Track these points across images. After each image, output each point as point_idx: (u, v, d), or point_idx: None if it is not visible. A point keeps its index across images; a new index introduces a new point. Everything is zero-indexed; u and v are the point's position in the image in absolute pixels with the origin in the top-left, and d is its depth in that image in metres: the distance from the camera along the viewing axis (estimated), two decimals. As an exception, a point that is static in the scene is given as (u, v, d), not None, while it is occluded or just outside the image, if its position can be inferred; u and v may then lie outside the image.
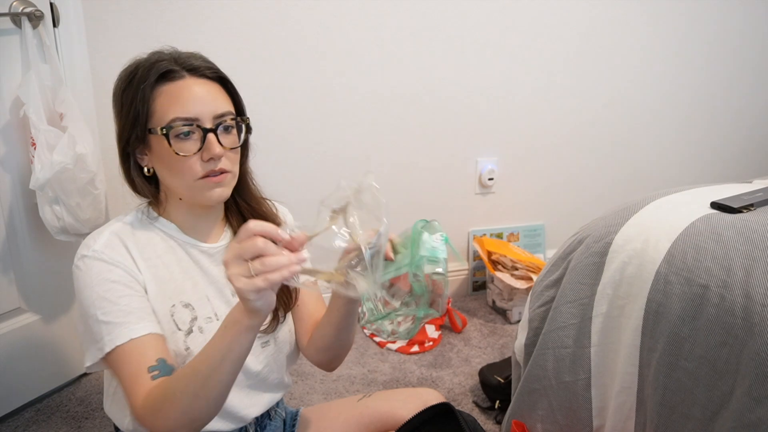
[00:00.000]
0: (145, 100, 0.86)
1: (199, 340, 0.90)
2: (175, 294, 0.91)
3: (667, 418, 0.98)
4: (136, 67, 0.88)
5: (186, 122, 0.85)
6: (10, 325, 1.52)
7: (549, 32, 2.12)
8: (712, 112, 2.48)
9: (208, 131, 0.86)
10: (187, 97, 0.86)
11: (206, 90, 0.88)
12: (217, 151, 0.86)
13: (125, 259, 0.88)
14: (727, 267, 0.93)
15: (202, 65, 0.89)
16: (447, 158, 2.14)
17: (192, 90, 0.86)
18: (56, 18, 1.47)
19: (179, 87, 0.86)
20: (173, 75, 0.87)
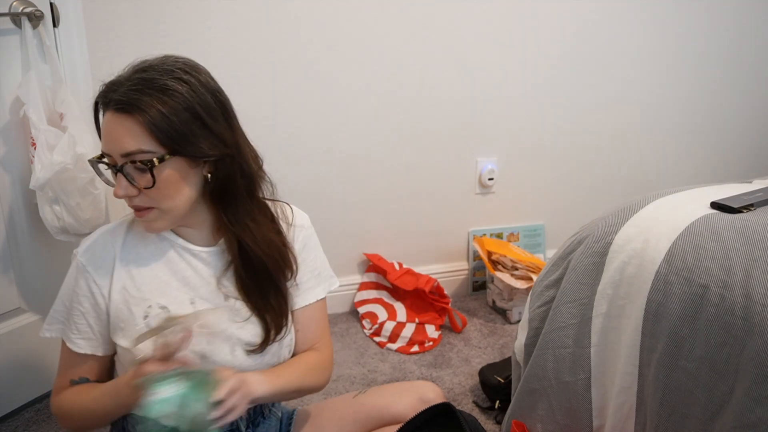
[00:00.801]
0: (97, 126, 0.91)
1: None
2: (154, 295, 0.93)
3: (667, 418, 0.98)
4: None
5: (107, 157, 0.87)
6: (10, 325, 1.52)
7: (549, 32, 2.12)
8: (713, 112, 2.48)
9: (117, 170, 0.86)
10: (105, 133, 0.86)
11: (116, 126, 0.84)
12: (119, 193, 0.86)
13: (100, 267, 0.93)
14: (727, 267, 0.93)
15: (117, 98, 0.83)
16: (447, 158, 2.14)
17: (107, 126, 0.86)
18: (56, 18, 1.47)
19: (105, 121, 0.87)
20: (105, 107, 0.87)
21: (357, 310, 2.08)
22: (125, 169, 0.85)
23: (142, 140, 0.83)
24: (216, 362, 0.93)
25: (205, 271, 0.96)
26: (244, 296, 0.97)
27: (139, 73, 0.85)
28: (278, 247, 0.99)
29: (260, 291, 0.97)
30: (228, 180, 0.91)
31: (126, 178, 0.85)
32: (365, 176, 2.06)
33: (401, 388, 1.12)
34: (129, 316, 0.93)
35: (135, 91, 0.83)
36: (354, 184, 2.06)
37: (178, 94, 0.85)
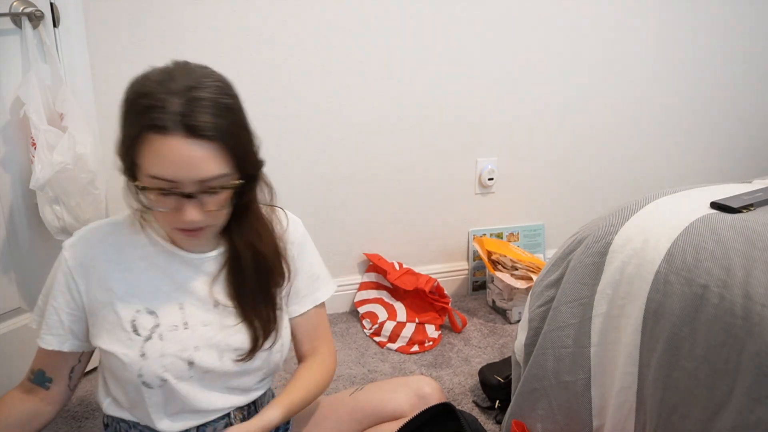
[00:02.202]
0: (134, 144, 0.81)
1: (157, 347, 0.91)
2: (142, 300, 0.92)
3: (667, 418, 0.98)
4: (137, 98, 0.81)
5: (168, 183, 0.80)
6: (10, 325, 1.52)
7: (549, 32, 2.12)
8: (712, 112, 2.48)
9: (187, 197, 0.82)
10: (170, 160, 0.78)
11: (192, 153, 0.79)
12: (186, 220, 0.82)
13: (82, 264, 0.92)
14: (726, 267, 0.93)
15: (204, 124, 0.78)
16: (447, 158, 2.14)
17: (178, 153, 0.78)
18: (56, 18, 1.47)
19: (163, 145, 0.78)
20: (163, 130, 0.78)
21: (357, 309, 2.08)
22: (198, 195, 0.82)
23: (221, 165, 0.81)
24: (204, 368, 0.93)
25: (196, 277, 0.95)
26: (235, 303, 0.97)
27: (193, 92, 0.79)
28: (274, 255, 0.98)
29: (251, 298, 0.97)
30: (252, 193, 0.92)
31: (199, 203, 0.83)
32: (365, 176, 2.06)
33: (397, 384, 1.12)
34: (115, 319, 0.92)
35: (204, 113, 0.79)
36: (354, 184, 2.06)
37: (237, 113, 0.84)
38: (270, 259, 0.97)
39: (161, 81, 0.80)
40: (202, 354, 0.93)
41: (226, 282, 0.97)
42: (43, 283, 1.55)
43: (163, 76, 0.81)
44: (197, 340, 0.93)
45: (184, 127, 0.78)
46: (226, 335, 0.95)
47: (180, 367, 0.92)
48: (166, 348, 0.91)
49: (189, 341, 0.93)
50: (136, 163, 0.82)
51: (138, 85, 0.82)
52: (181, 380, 0.93)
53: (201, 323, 0.94)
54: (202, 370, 0.94)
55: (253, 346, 0.96)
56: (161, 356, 0.91)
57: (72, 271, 0.92)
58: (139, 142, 0.80)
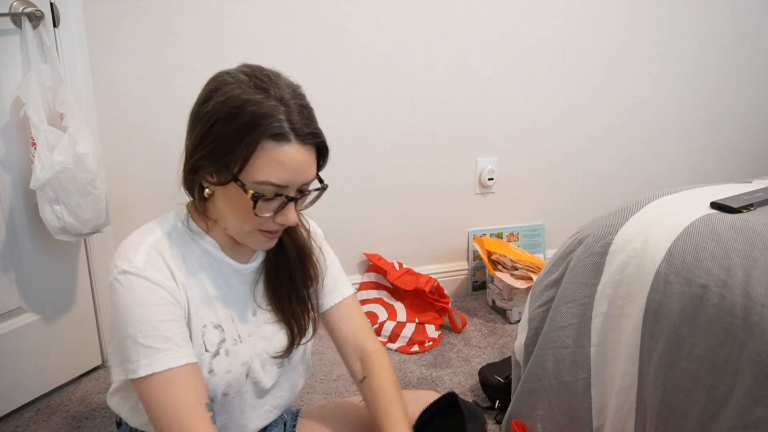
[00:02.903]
0: (246, 152, 0.80)
1: (224, 363, 0.89)
2: (207, 314, 0.89)
3: (667, 418, 0.98)
4: (242, 107, 0.79)
5: (276, 188, 0.82)
6: (10, 325, 1.52)
7: (549, 32, 2.12)
8: (713, 112, 2.48)
9: (292, 199, 0.84)
10: (288, 166, 0.81)
11: (304, 159, 0.82)
12: (291, 222, 0.85)
13: (167, 279, 0.85)
14: (726, 267, 0.93)
15: (309, 133, 0.82)
16: (447, 158, 2.14)
17: (294, 159, 0.81)
18: (56, 18, 1.47)
19: (284, 153, 0.80)
20: (281, 138, 0.80)
21: (357, 310, 2.08)
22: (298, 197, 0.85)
23: (314, 169, 0.86)
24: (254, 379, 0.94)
25: (241, 287, 0.95)
26: (275, 306, 0.97)
27: (299, 99, 0.84)
28: (308, 254, 1.00)
29: (288, 300, 0.97)
30: None
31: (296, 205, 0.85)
32: (365, 176, 2.06)
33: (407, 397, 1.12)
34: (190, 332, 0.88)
35: (313, 121, 0.85)
36: (354, 184, 2.06)
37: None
38: (310, 260, 1.00)
39: (263, 88, 0.81)
40: (255, 364, 0.93)
41: (266, 290, 0.97)
42: (43, 283, 1.56)
43: (261, 83, 0.81)
44: (251, 351, 0.93)
45: (301, 135, 0.81)
46: (266, 343, 0.96)
47: (241, 380, 0.92)
48: (231, 364, 0.90)
49: (246, 354, 0.92)
50: (242, 174, 0.81)
51: (236, 92, 0.80)
52: (238, 394, 0.93)
53: (247, 334, 0.94)
54: (253, 381, 0.94)
55: (290, 344, 0.97)
56: (227, 372, 0.89)
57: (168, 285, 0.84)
58: (253, 150, 0.80)
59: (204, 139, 0.82)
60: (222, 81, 0.83)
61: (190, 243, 0.90)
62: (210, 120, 0.81)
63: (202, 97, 0.84)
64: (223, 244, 0.92)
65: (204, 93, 0.84)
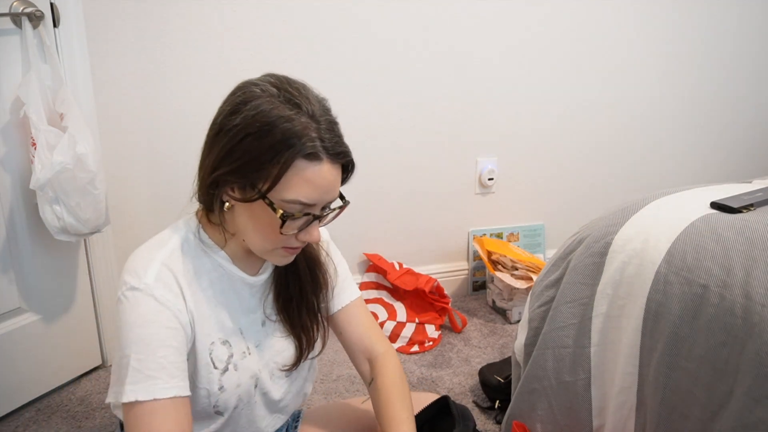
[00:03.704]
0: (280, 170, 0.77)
1: (233, 378, 0.89)
2: (215, 330, 0.88)
3: (667, 418, 0.98)
4: (274, 123, 0.76)
5: (304, 207, 0.80)
6: (10, 325, 1.52)
7: (549, 32, 2.12)
8: (712, 112, 2.49)
9: (317, 218, 0.83)
10: (318, 185, 0.79)
11: (333, 179, 0.81)
12: (315, 239, 0.84)
13: (176, 298, 0.82)
14: (726, 267, 0.93)
15: (340, 151, 0.81)
16: (447, 158, 2.14)
17: (325, 178, 0.80)
18: (56, 18, 1.47)
19: (315, 172, 0.78)
20: (315, 157, 0.78)
21: (357, 310, 2.08)
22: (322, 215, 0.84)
23: (339, 188, 0.85)
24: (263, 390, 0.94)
25: (250, 299, 0.94)
26: (284, 317, 0.96)
27: (328, 115, 0.83)
28: (319, 264, 0.99)
29: (298, 312, 0.97)
30: None
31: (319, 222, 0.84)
32: (365, 176, 2.06)
33: None
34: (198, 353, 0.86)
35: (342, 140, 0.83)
36: (354, 184, 2.04)
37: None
38: (320, 270, 0.99)
39: (295, 103, 0.78)
40: (263, 375, 0.93)
41: (275, 301, 0.97)
42: (43, 283, 1.56)
43: (291, 97, 0.79)
44: (258, 363, 0.93)
45: (332, 154, 0.80)
46: (275, 354, 0.96)
47: (250, 392, 0.92)
48: (241, 378, 0.90)
49: (255, 366, 0.92)
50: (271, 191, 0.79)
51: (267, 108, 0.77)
52: (248, 405, 0.93)
53: (255, 345, 0.93)
54: (262, 391, 0.94)
55: (298, 357, 0.97)
56: (237, 386, 0.89)
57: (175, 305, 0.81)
58: (286, 169, 0.77)
59: (231, 153, 0.78)
60: (251, 93, 0.79)
61: (202, 256, 0.88)
62: (239, 134, 0.77)
63: (228, 109, 0.79)
64: (235, 256, 0.90)
65: (231, 105, 0.80)
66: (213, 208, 0.85)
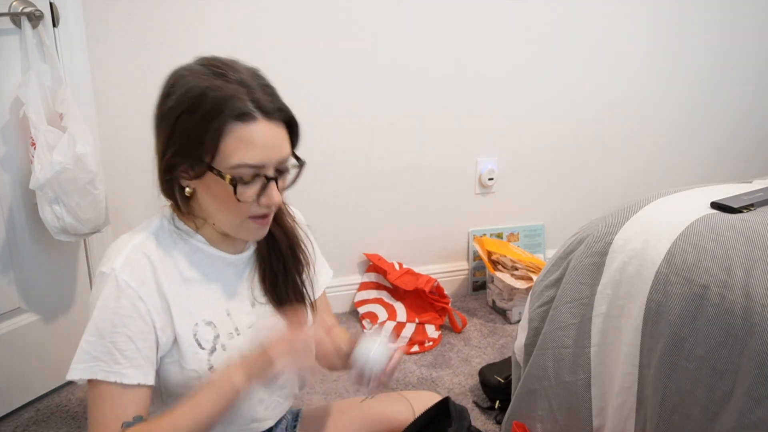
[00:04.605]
0: (214, 138, 0.79)
1: (222, 358, 0.89)
2: (197, 312, 0.89)
3: (667, 418, 0.98)
4: (203, 94, 0.79)
5: (253, 169, 0.81)
6: (10, 325, 1.52)
7: (549, 32, 2.12)
8: (712, 112, 2.48)
9: (271, 179, 0.83)
10: (259, 144, 0.80)
11: (275, 135, 0.82)
12: (276, 201, 0.84)
13: (144, 283, 0.83)
14: (727, 267, 0.93)
15: (274, 107, 0.82)
16: (447, 158, 2.14)
17: (264, 136, 0.81)
18: (56, 18, 1.47)
19: (251, 131, 0.80)
20: (247, 117, 0.79)
21: (357, 310, 2.08)
22: (277, 175, 0.85)
23: (288, 145, 0.86)
24: None
25: (236, 280, 0.95)
26: (272, 297, 0.97)
27: (259, 79, 0.85)
28: (298, 242, 1.01)
29: (285, 290, 0.98)
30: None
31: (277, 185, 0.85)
32: (365, 176, 2.06)
33: (408, 398, 1.12)
34: (179, 335, 0.87)
35: (276, 97, 0.84)
36: (354, 185, 2.05)
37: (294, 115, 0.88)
38: (301, 250, 1.00)
39: (221, 74, 0.81)
40: None
41: (261, 281, 0.97)
42: (43, 283, 1.56)
43: (218, 69, 0.82)
44: (249, 343, 0.93)
45: (267, 111, 0.81)
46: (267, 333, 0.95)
47: None
48: (230, 358, 0.90)
49: (245, 346, 0.92)
50: (214, 161, 0.80)
51: (195, 82, 0.81)
52: None
53: (247, 326, 0.94)
54: None
55: None
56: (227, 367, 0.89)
57: (137, 291, 0.83)
58: (221, 135, 0.79)
59: (172, 135, 0.82)
60: (179, 76, 0.83)
61: (178, 241, 0.90)
62: (174, 115, 0.81)
63: (162, 96, 0.84)
64: (212, 239, 0.92)
65: (163, 91, 0.84)
66: (175, 197, 0.88)
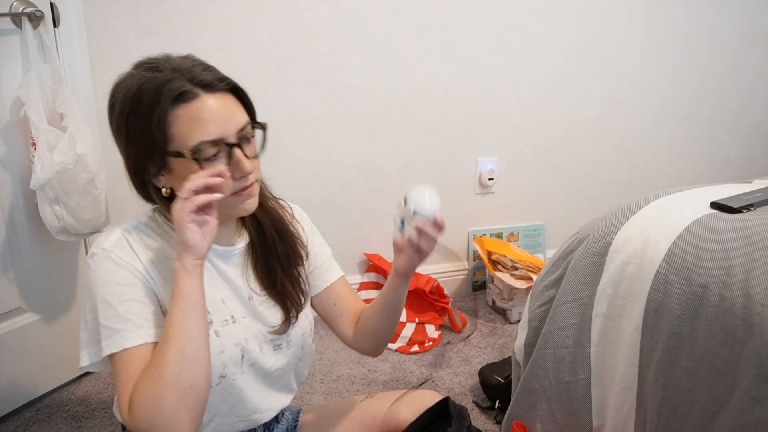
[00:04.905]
0: (161, 127, 0.81)
1: (215, 344, 0.90)
2: None
3: (667, 418, 0.98)
4: (139, 90, 0.81)
5: (213, 146, 0.82)
6: (10, 325, 1.52)
7: (548, 32, 2.12)
8: (712, 112, 2.48)
9: (234, 146, 0.83)
10: (208, 119, 0.81)
11: (223, 106, 0.83)
12: (248, 168, 0.84)
13: (134, 260, 0.87)
14: (726, 267, 0.93)
15: (213, 79, 0.83)
16: (447, 158, 2.14)
17: (211, 109, 0.82)
18: (56, 18, 1.47)
19: (197, 108, 0.81)
20: (187, 96, 0.81)
21: (357, 310, 2.08)
22: (243, 141, 0.85)
23: (244, 113, 0.86)
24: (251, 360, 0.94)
25: (228, 270, 0.95)
26: (267, 288, 0.98)
27: (193, 60, 0.86)
28: (291, 235, 1.02)
29: (279, 276, 0.98)
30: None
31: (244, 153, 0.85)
32: (365, 176, 2.06)
33: (408, 396, 1.12)
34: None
35: (211, 71, 0.85)
36: (354, 184, 2.06)
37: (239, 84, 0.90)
38: (291, 237, 1.01)
39: (153, 67, 0.83)
40: (250, 345, 0.94)
41: (255, 271, 0.98)
42: (43, 283, 1.55)
43: (149, 65, 0.84)
44: (244, 331, 0.94)
45: (207, 85, 0.82)
46: (263, 323, 0.97)
47: (236, 360, 0.92)
48: (224, 344, 0.91)
49: (240, 334, 0.93)
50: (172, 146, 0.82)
51: (130, 83, 0.83)
52: (236, 375, 0.93)
53: (241, 316, 0.95)
54: (250, 362, 0.94)
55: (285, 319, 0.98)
56: (221, 353, 0.90)
57: (132, 264, 0.86)
58: (168, 124, 0.81)
59: (128, 140, 0.84)
60: (116, 84, 0.85)
61: (163, 236, 0.92)
62: (122, 121, 0.83)
63: (108, 110, 0.86)
64: None
65: (108, 105, 0.86)
66: (153, 198, 0.90)
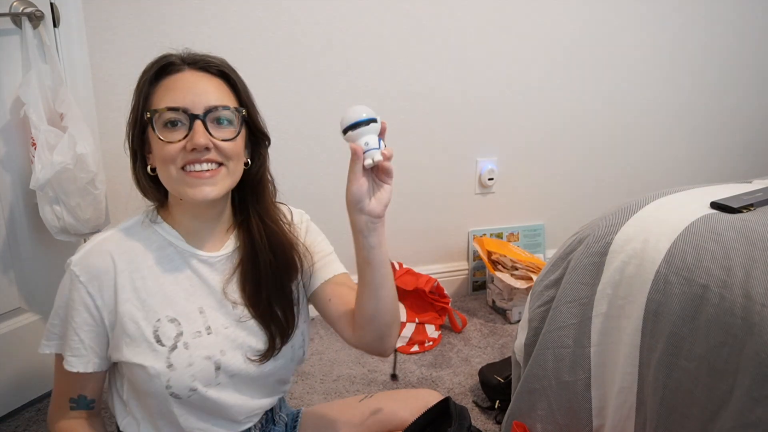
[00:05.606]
0: (144, 94, 0.87)
1: (183, 357, 0.88)
2: (162, 307, 0.89)
3: (667, 417, 0.98)
4: (139, 78, 0.90)
5: (174, 113, 0.85)
6: (10, 325, 1.52)
7: (548, 32, 2.12)
8: (712, 112, 2.49)
9: (196, 117, 0.84)
10: (180, 88, 0.86)
11: (203, 82, 0.87)
12: (201, 141, 0.83)
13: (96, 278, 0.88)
14: (726, 267, 0.93)
15: (203, 59, 0.89)
16: (447, 158, 2.14)
17: (186, 81, 0.86)
18: (56, 18, 1.47)
19: (175, 79, 0.87)
20: (172, 68, 0.87)
21: (357, 310, 2.08)
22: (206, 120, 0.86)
23: (227, 98, 0.88)
24: (231, 371, 0.92)
25: (211, 278, 0.93)
26: (249, 302, 0.95)
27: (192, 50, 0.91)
28: (287, 247, 0.98)
29: (266, 298, 0.95)
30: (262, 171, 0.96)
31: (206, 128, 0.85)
32: (365, 176, 2.06)
33: (407, 396, 1.12)
34: (137, 330, 0.88)
35: (206, 57, 0.89)
36: (354, 184, 2.05)
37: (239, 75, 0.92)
38: (282, 251, 0.97)
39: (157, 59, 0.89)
40: (229, 357, 0.91)
41: (240, 282, 0.95)
42: (43, 283, 1.56)
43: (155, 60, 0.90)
44: (222, 343, 0.91)
45: (192, 62, 0.88)
46: (247, 336, 0.94)
47: (208, 373, 0.90)
48: (192, 357, 0.89)
49: (215, 346, 0.90)
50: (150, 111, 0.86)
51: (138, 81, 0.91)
52: (209, 387, 0.90)
53: (222, 326, 0.92)
54: (229, 374, 0.92)
55: (270, 347, 0.95)
56: (189, 365, 0.88)
57: (86, 286, 0.88)
58: (150, 92, 0.87)
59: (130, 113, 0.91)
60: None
61: (152, 235, 0.93)
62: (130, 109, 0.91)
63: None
64: (186, 231, 0.93)
65: None
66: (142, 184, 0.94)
